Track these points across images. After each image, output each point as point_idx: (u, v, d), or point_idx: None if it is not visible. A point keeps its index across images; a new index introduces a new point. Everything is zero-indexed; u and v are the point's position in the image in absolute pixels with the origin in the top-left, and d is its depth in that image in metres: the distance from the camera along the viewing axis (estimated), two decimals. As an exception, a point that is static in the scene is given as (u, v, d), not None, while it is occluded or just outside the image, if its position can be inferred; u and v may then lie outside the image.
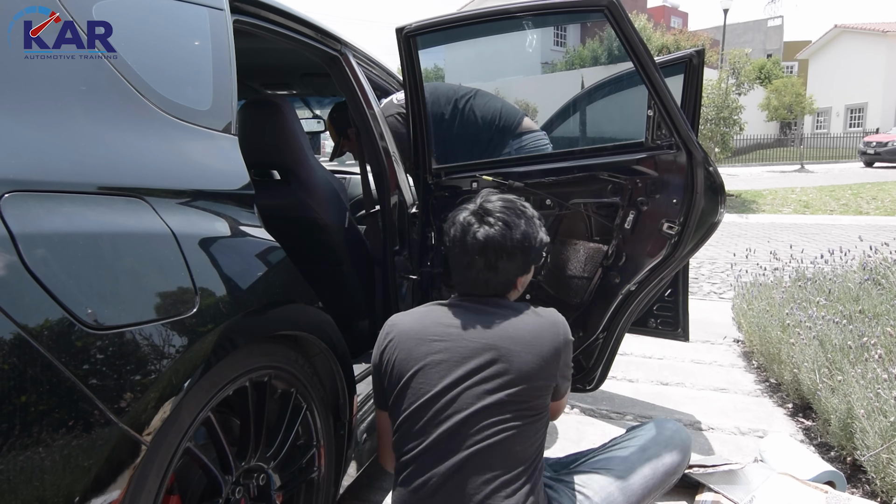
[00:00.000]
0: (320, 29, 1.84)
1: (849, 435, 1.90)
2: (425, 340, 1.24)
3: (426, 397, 1.20)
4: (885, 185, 11.42)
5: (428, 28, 1.86)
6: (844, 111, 26.27)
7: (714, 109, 10.32)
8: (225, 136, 1.21)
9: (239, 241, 1.15)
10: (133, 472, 0.85)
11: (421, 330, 1.26)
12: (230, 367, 1.07)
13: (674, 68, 2.23)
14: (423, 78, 1.96)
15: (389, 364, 1.27)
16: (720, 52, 17.50)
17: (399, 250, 2.04)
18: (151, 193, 0.97)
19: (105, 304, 0.83)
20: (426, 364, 1.22)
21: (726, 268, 5.11)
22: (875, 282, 2.82)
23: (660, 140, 1.75)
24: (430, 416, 1.19)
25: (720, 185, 1.72)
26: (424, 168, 1.96)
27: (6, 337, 0.71)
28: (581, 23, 21.65)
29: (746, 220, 8.76)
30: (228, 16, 1.34)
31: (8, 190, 0.76)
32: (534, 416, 1.22)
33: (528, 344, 1.22)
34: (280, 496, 1.27)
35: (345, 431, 1.48)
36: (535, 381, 1.21)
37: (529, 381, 1.20)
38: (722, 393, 2.63)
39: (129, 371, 0.84)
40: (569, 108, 2.66)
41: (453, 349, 1.22)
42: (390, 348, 1.28)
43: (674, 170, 1.72)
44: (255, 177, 1.71)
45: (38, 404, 0.73)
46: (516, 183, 1.88)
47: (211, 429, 1.08)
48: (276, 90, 2.90)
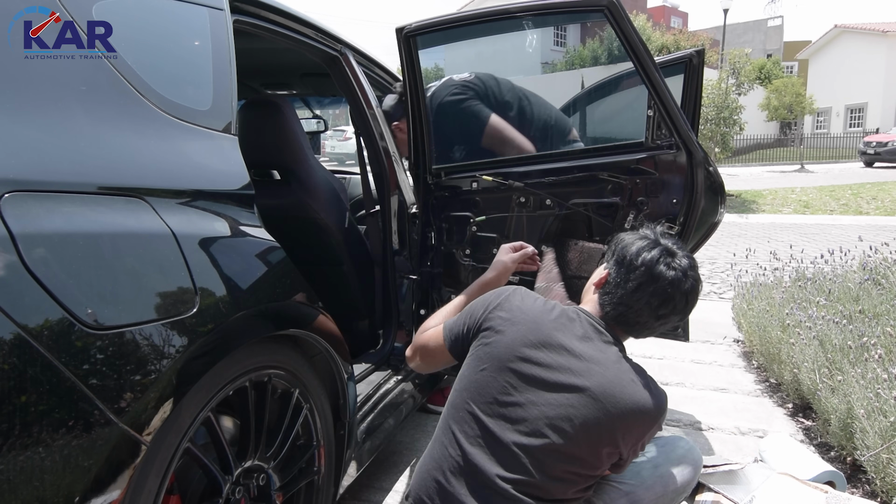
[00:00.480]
0: (320, 29, 1.84)
1: (849, 435, 1.90)
2: (536, 342, 1.20)
3: (512, 398, 1.18)
4: (885, 185, 11.42)
5: (428, 28, 1.86)
6: (844, 111, 26.27)
7: (714, 109, 10.31)
8: (225, 136, 1.21)
9: (239, 241, 1.15)
10: (133, 472, 0.85)
11: (537, 326, 1.22)
12: (230, 367, 1.07)
13: (674, 68, 2.22)
14: (423, 78, 1.96)
15: (490, 332, 1.24)
16: (720, 52, 17.50)
17: (399, 250, 2.04)
18: (151, 193, 0.97)
19: (105, 304, 0.83)
20: (524, 365, 1.19)
21: (726, 268, 5.11)
22: (875, 282, 2.82)
23: (660, 140, 1.75)
24: (501, 416, 1.18)
25: (720, 185, 1.72)
26: (424, 168, 1.96)
27: (6, 337, 0.71)
28: (581, 23, 21.65)
29: (746, 220, 8.75)
30: (228, 16, 1.34)
31: (8, 190, 0.76)
32: (586, 485, 1.21)
33: (617, 406, 1.16)
34: (280, 496, 1.27)
35: (345, 431, 1.48)
36: (601, 449, 1.18)
37: (594, 447, 1.17)
38: (722, 393, 2.63)
39: (129, 371, 0.84)
40: (569, 108, 2.66)
41: (555, 371, 1.18)
42: (502, 319, 1.24)
43: (674, 170, 1.72)
44: (255, 177, 1.71)
45: (38, 404, 0.73)
46: (516, 183, 1.88)
47: (211, 429, 1.08)
48: (276, 90, 2.90)
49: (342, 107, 3.59)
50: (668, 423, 2.35)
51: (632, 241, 1.30)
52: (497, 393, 1.20)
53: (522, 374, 1.19)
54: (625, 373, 1.20)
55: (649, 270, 1.24)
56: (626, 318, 1.27)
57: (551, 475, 1.16)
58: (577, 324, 1.26)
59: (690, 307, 1.27)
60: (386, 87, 2.41)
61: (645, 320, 1.26)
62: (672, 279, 1.23)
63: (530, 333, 1.22)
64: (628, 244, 1.30)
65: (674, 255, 1.26)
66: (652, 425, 1.21)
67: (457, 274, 1.98)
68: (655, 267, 1.23)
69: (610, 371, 1.19)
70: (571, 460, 1.17)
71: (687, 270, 1.25)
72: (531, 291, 1.34)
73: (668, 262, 1.24)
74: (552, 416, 1.16)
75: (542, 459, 1.15)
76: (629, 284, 1.25)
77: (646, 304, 1.24)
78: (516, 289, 1.33)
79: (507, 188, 1.89)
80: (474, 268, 1.95)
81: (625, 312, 1.26)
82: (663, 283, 1.23)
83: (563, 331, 1.23)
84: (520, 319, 1.24)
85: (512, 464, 1.15)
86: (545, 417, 1.16)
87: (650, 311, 1.24)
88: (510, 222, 1.91)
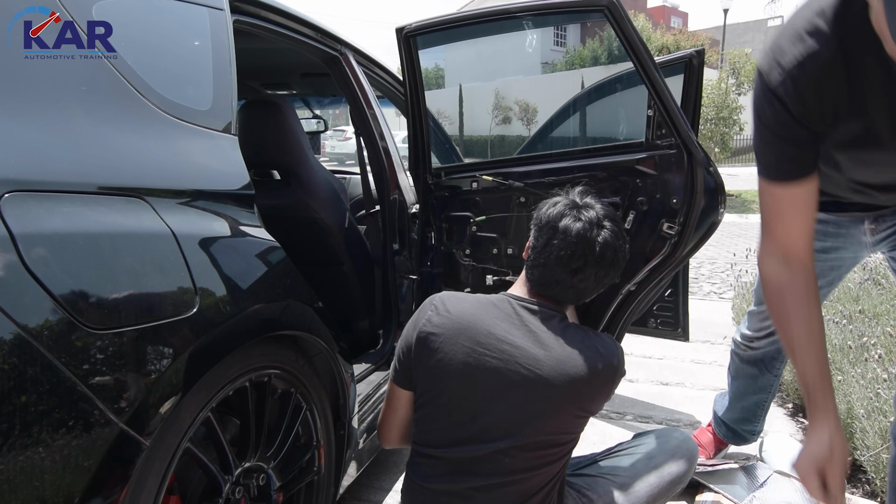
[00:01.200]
0: (320, 29, 1.84)
1: (849, 435, 1.90)
2: (476, 349, 1.17)
3: (464, 409, 1.18)
4: (885, 185, 11.41)
5: (428, 28, 1.86)
6: (844, 111, 26.22)
7: (714, 109, 10.32)
8: (225, 136, 1.21)
9: (239, 241, 1.15)
10: (133, 473, 0.85)
11: (474, 332, 1.18)
12: (230, 367, 1.07)
13: (674, 68, 2.22)
14: (423, 78, 1.96)
15: (428, 352, 1.20)
16: (720, 52, 17.50)
17: (399, 250, 2.04)
18: (151, 193, 0.97)
19: (105, 303, 0.83)
20: (470, 375, 1.16)
21: (726, 268, 5.11)
22: (875, 282, 2.82)
23: (660, 140, 1.75)
24: (462, 427, 1.18)
25: (720, 185, 1.72)
26: (424, 168, 1.96)
27: (6, 337, 0.71)
28: (581, 23, 21.65)
29: (746, 220, 8.75)
30: (228, 16, 1.34)
31: (8, 190, 0.76)
32: (566, 453, 1.22)
33: (574, 381, 1.15)
34: (280, 496, 1.27)
35: (345, 431, 1.48)
36: (572, 420, 1.19)
37: (566, 422, 1.18)
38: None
39: (129, 371, 0.84)
40: (569, 107, 2.66)
41: (504, 371, 1.15)
42: (434, 335, 1.20)
43: (674, 170, 1.72)
44: (255, 177, 1.71)
45: (38, 404, 0.73)
46: (516, 183, 1.88)
47: (211, 429, 1.08)
48: (276, 90, 2.90)
49: (342, 107, 3.59)
50: (667, 423, 2.35)
51: (544, 203, 1.30)
52: (449, 418, 1.18)
53: (471, 383, 1.17)
54: (571, 343, 1.18)
55: (555, 224, 1.24)
56: (544, 280, 1.25)
57: (528, 466, 1.16)
58: (508, 310, 1.23)
59: (607, 259, 1.23)
60: (386, 87, 2.41)
61: (560, 276, 1.23)
62: (578, 230, 1.22)
63: (465, 340, 1.18)
64: (540, 206, 1.30)
65: (581, 208, 1.25)
66: (612, 378, 1.20)
67: (457, 274, 1.98)
68: (561, 220, 1.23)
69: (555, 348, 1.17)
70: (545, 445, 1.17)
71: (595, 220, 1.23)
72: (456, 293, 1.30)
73: (575, 214, 1.24)
74: (514, 416, 1.15)
75: (515, 455, 1.16)
76: (539, 243, 1.25)
77: (556, 260, 1.22)
78: (441, 297, 1.28)
79: (507, 188, 1.89)
80: (474, 268, 1.95)
81: (542, 274, 1.25)
82: (569, 235, 1.22)
83: (497, 323, 1.20)
84: (451, 327, 1.20)
85: (487, 470, 1.16)
86: (507, 419, 1.16)
87: (562, 266, 1.22)
88: (510, 222, 1.91)
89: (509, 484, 1.17)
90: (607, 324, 1.92)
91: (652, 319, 2.37)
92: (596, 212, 1.25)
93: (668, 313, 2.34)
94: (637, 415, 2.42)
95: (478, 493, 1.17)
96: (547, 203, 1.30)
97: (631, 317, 1.93)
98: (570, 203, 1.26)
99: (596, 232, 1.22)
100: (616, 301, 1.88)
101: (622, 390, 2.66)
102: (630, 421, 2.37)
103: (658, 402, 2.53)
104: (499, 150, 13.53)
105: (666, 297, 2.32)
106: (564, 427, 1.19)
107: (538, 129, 2.79)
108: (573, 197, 1.29)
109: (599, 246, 1.22)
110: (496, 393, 1.16)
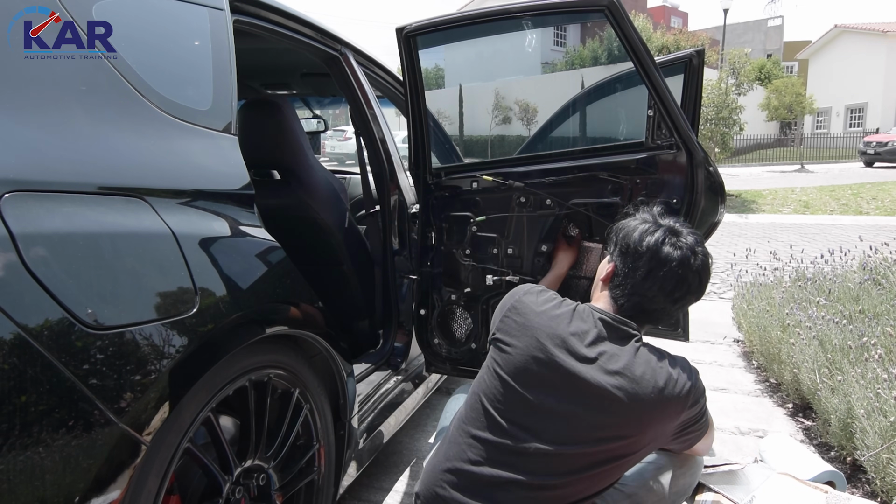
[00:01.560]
0: (320, 29, 1.84)
1: (849, 435, 1.90)
2: (553, 350, 1.17)
3: (527, 400, 1.17)
4: (885, 185, 11.42)
5: (428, 28, 1.86)
6: (844, 111, 26.26)
7: (714, 109, 10.31)
8: (225, 135, 1.21)
9: (239, 241, 1.15)
10: (133, 472, 0.85)
11: (558, 335, 1.18)
12: (230, 366, 1.07)
13: (674, 68, 2.22)
14: (423, 78, 1.96)
15: (506, 337, 1.23)
16: (720, 52, 17.50)
17: (399, 250, 2.04)
18: (151, 193, 0.97)
19: (105, 304, 0.83)
20: (541, 371, 1.17)
21: (726, 268, 5.10)
22: (875, 282, 2.82)
23: (660, 140, 1.75)
24: (517, 420, 1.17)
25: (720, 185, 1.72)
26: (424, 168, 1.96)
27: (6, 337, 0.71)
28: (581, 23, 21.65)
29: (746, 220, 8.75)
30: (228, 16, 1.34)
31: (8, 190, 0.76)
32: (610, 473, 1.21)
33: (648, 406, 1.13)
34: (280, 496, 1.27)
35: (345, 431, 1.48)
36: (640, 445, 1.17)
37: (624, 443, 1.16)
38: (722, 393, 2.63)
39: (129, 371, 0.84)
40: (569, 107, 2.65)
41: (571, 385, 1.15)
42: (516, 323, 1.22)
43: (674, 170, 1.72)
44: (255, 177, 1.71)
45: (38, 404, 0.73)
46: (516, 183, 1.88)
47: (211, 429, 1.08)
48: (276, 90, 2.90)
49: (342, 107, 3.59)
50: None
51: (633, 228, 1.26)
52: (516, 400, 1.18)
53: (539, 381, 1.17)
54: (644, 363, 1.16)
55: (656, 254, 1.20)
56: (642, 307, 1.23)
57: (575, 476, 1.15)
58: (590, 322, 1.22)
59: (705, 284, 1.23)
60: (386, 87, 2.40)
61: (662, 306, 1.22)
62: (680, 259, 1.19)
63: (545, 338, 1.19)
64: (629, 231, 1.26)
65: (678, 234, 1.22)
66: (681, 407, 1.16)
67: (457, 274, 1.98)
68: (661, 249, 1.20)
69: (629, 368, 1.16)
70: (597, 460, 1.16)
71: (694, 247, 1.21)
72: (543, 289, 1.30)
73: (674, 241, 1.21)
74: (573, 422, 1.15)
75: (566, 461, 1.15)
76: (638, 273, 1.21)
77: (659, 290, 1.20)
78: (529, 288, 1.30)
79: (507, 188, 1.89)
80: (474, 268, 1.95)
81: (640, 302, 1.22)
82: (672, 265, 1.19)
83: (578, 332, 1.20)
84: (533, 323, 1.21)
85: (535, 468, 1.15)
86: (565, 423, 1.15)
87: (664, 295, 1.20)
88: (510, 222, 1.91)
89: (548, 488, 1.15)
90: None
91: (652, 319, 2.37)
92: (693, 237, 1.24)
93: (668, 313, 2.34)
94: (637, 415, 2.41)
95: (516, 487, 1.15)
96: (631, 226, 1.27)
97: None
98: (668, 229, 1.23)
99: (697, 260, 1.21)
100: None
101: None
102: (630, 421, 2.37)
103: (658, 402, 2.53)
104: (499, 150, 13.53)
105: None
106: (618, 449, 1.16)
107: (538, 129, 2.78)
108: (664, 221, 1.25)
109: (701, 273, 1.21)
110: (562, 395, 1.15)
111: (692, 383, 1.17)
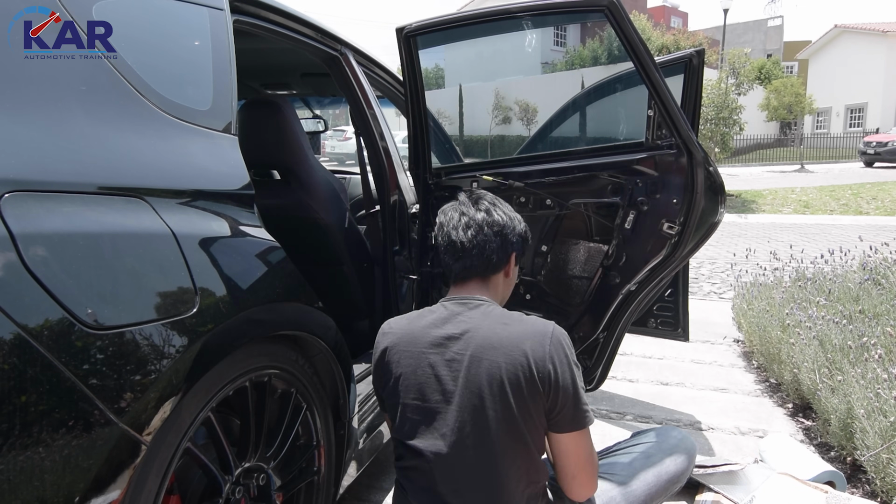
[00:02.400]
0: (320, 29, 1.84)
1: (849, 435, 1.90)
2: (419, 358, 1.16)
3: (424, 411, 1.15)
4: (885, 185, 11.42)
5: (428, 28, 1.86)
6: (844, 111, 26.26)
7: (714, 109, 10.31)
8: (225, 135, 1.21)
9: (239, 241, 1.15)
10: (133, 472, 0.85)
11: (413, 342, 1.19)
12: (230, 367, 1.07)
13: (674, 68, 2.22)
14: (423, 78, 1.96)
15: (387, 364, 1.20)
16: (720, 52, 17.50)
17: (399, 250, 2.04)
18: (151, 193, 0.97)
19: (105, 304, 0.83)
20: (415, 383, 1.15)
21: (726, 268, 5.11)
22: (875, 282, 2.82)
23: (660, 140, 1.75)
24: (425, 428, 1.14)
25: (720, 185, 1.72)
26: (424, 168, 1.96)
27: (6, 337, 0.71)
28: (581, 23, 21.64)
29: (746, 220, 8.75)
30: (228, 16, 1.34)
31: (8, 190, 0.76)
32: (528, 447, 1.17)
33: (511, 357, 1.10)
34: (280, 496, 1.27)
35: (345, 431, 1.48)
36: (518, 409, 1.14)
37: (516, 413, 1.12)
38: (722, 393, 2.63)
39: (129, 371, 0.84)
40: (569, 107, 2.66)
41: (439, 370, 1.14)
42: (388, 349, 1.21)
43: (674, 170, 1.72)
44: (255, 177, 1.71)
45: (38, 404, 0.73)
46: (516, 183, 1.88)
47: (211, 429, 1.08)
48: (276, 90, 2.90)
49: (342, 107, 3.59)
50: (667, 423, 2.35)
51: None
52: (415, 417, 1.16)
53: (426, 386, 1.14)
54: (495, 321, 1.16)
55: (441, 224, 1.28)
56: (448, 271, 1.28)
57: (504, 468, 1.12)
58: (439, 311, 1.22)
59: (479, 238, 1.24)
60: (386, 87, 2.40)
61: (448, 262, 1.27)
62: (452, 222, 1.25)
63: (412, 346, 1.17)
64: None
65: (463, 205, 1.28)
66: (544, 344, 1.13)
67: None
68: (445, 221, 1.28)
69: (481, 328, 1.14)
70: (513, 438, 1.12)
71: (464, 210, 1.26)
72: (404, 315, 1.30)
73: (461, 210, 1.27)
74: (466, 416, 1.11)
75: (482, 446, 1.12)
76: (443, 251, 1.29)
77: (444, 250, 1.26)
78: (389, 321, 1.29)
79: (507, 188, 1.89)
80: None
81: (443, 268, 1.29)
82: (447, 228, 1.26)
83: (434, 325, 1.19)
84: (399, 340, 1.20)
85: (463, 476, 1.12)
86: (459, 418, 1.12)
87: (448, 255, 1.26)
88: (510, 222, 1.91)
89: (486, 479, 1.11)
90: (607, 324, 1.92)
91: (652, 319, 2.37)
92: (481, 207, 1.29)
93: (668, 313, 2.35)
94: (637, 415, 2.42)
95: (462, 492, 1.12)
96: None
97: (631, 317, 1.93)
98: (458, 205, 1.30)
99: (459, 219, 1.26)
100: (616, 301, 1.89)
101: (622, 390, 2.67)
102: (630, 421, 2.37)
103: (658, 402, 2.53)
104: (499, 150, 13.53)
105: (666, 297, 2.32)
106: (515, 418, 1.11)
107: (538, 129, 2.79)
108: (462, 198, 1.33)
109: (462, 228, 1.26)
110: (451, 391, 1.13)
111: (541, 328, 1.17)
